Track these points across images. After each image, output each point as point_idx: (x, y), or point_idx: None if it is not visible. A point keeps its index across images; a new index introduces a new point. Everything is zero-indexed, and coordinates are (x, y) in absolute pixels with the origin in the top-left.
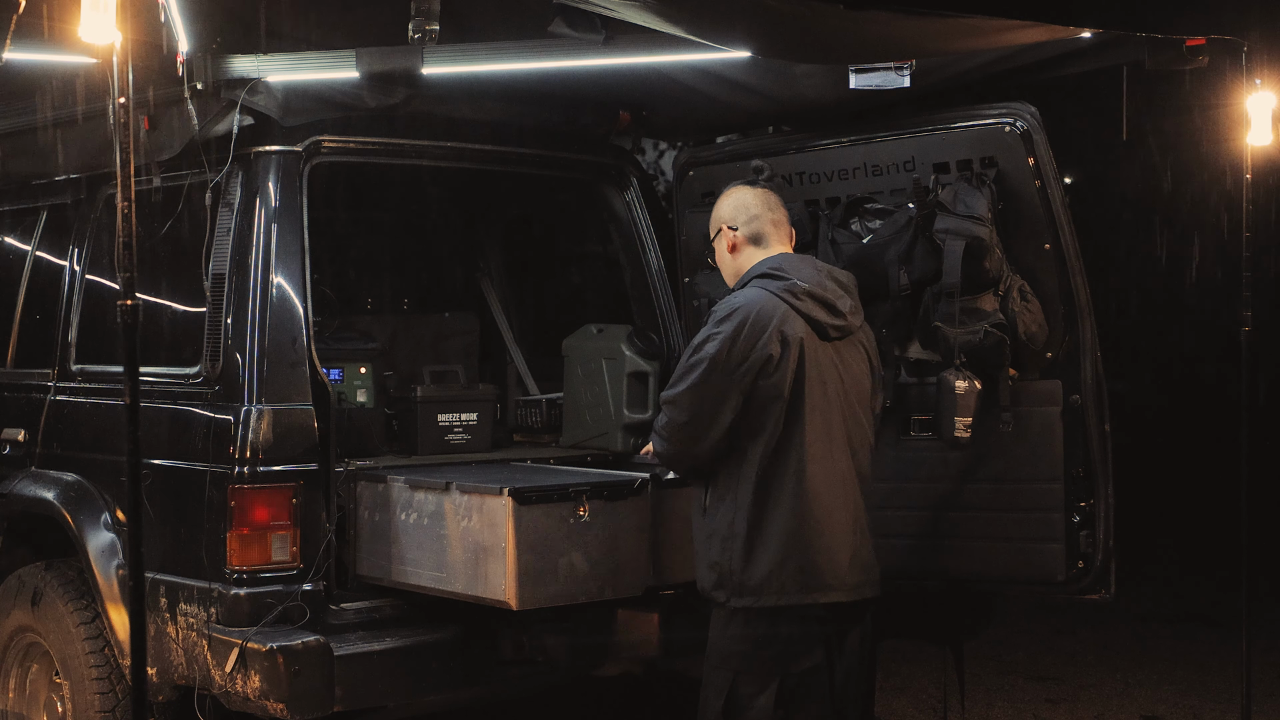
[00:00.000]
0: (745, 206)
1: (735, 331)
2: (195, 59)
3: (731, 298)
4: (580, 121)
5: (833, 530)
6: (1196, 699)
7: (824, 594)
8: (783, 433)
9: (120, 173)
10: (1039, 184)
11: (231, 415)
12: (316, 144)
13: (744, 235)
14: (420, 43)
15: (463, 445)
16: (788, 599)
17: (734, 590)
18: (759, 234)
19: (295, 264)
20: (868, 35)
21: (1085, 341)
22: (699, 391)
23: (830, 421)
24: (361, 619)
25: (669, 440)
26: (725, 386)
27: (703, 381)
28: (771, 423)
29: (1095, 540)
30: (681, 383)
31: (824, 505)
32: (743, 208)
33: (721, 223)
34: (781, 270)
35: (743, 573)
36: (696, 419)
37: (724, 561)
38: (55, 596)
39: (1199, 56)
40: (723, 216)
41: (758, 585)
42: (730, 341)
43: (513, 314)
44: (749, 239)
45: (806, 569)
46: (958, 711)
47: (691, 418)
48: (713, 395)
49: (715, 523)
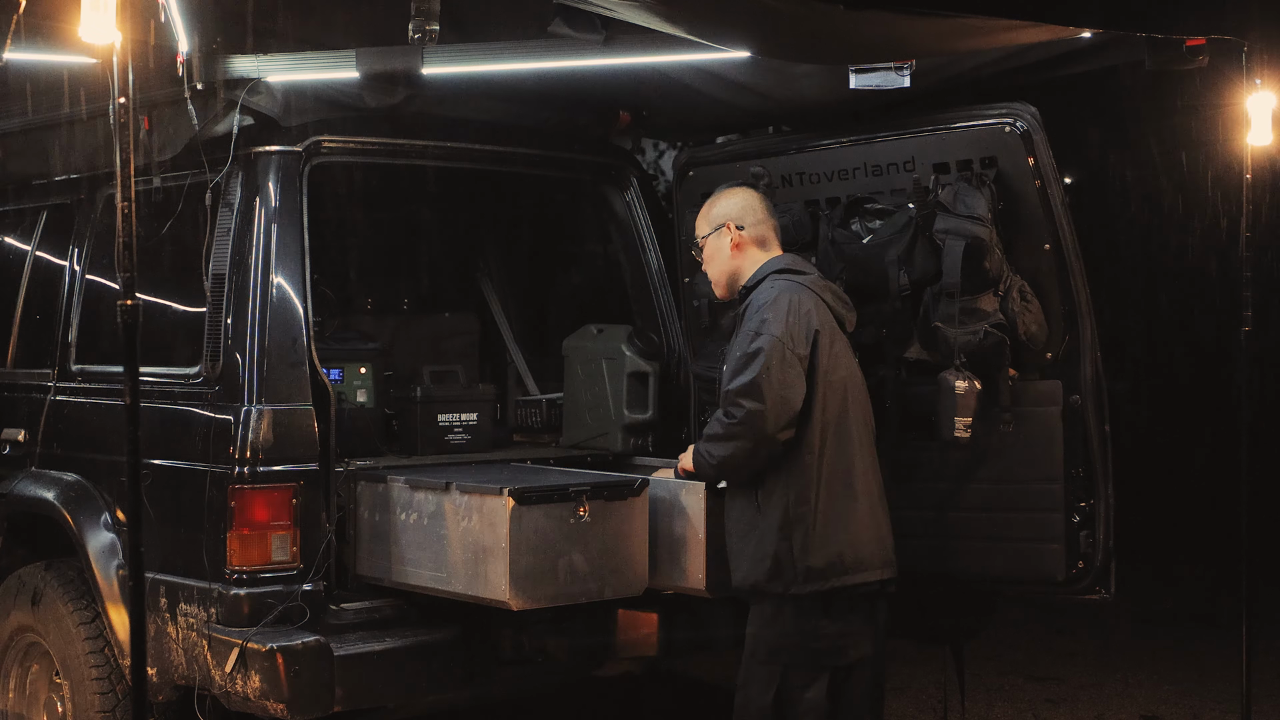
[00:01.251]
0: (753, 208)
1: (786, 315)
2: (195, 59)
3: (763, 290)
4: (580, 121)
5: (870, 510)
6: (1196, 699)
7: (870, 573)
8: (829, 417)
9: (120, 173)
10: (1039, 184)
11: (231, 415)
12: (316, 144)
13: (750, 236)
14: (420, 43)
15: (463, 445)
16: (845, 579)
17: (793, 579)
18: (764, 237)
19: (295, 264)
20: (868, 35)
21: (1085, 341)
22: (771, 376)
23: (860, 406)
24: (361, 619)
25: (742, 437)
26: (793, 366)
27: (774, 365)
28: (819, 408)
29: (1095, 540)
30: (746, 373)
31: (864, 486)
32: (750, 209)
33: (727, 219)
34: (798, 266)
35: (805, 559)
36: (777, 404)
37: (782, 550)
38: (55, 596)
39: (1199, 56)
40: (729, 214)
41: (821, 569)
42: (784, 324)
43: (513, 314)
44: (755, 240)
45: (857, 548)
46: (958, 711)
47: (771, 404)
48: (785, 379)
49: (770, 514)
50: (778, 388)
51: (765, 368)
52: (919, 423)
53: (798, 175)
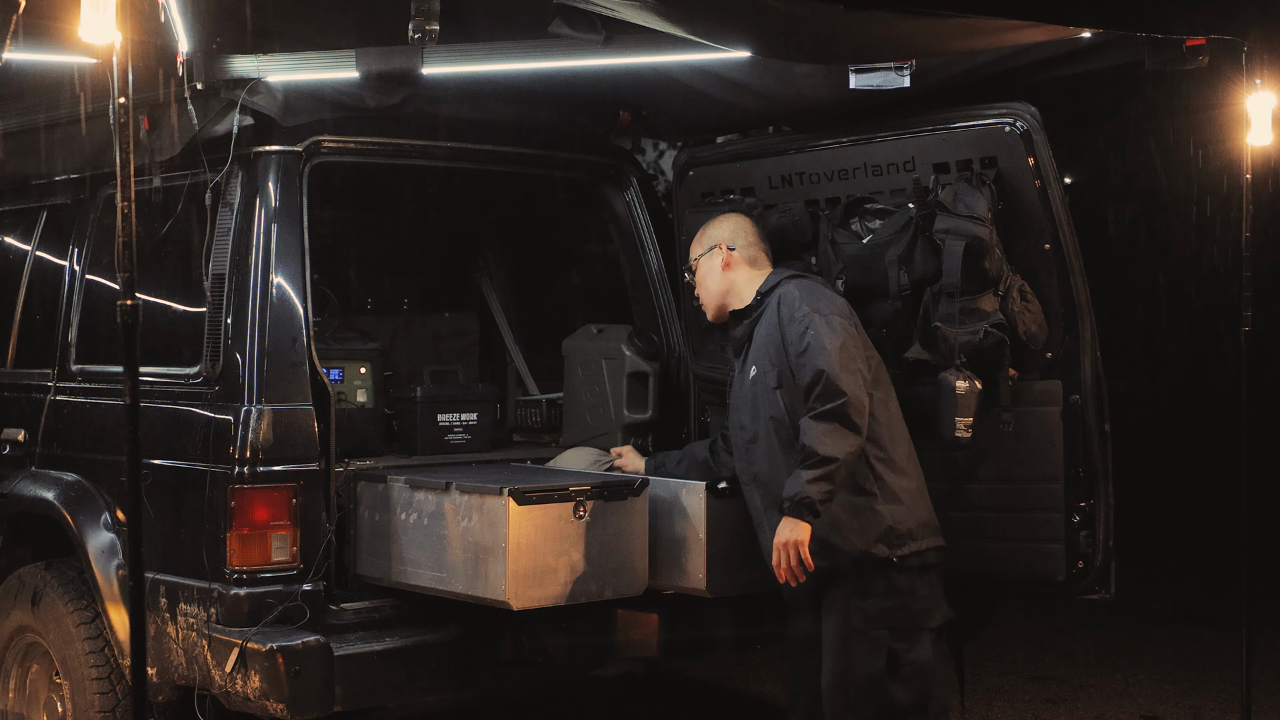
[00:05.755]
0: (744, 231)
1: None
2: (195, 59)
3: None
4: (580, 121)
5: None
6: (1196, 699)
7: (939, 537)
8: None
9: (120, 173)
10: (1039, 184)
11: (231, 415)
12: (316, 144)
13: (742, 256)
14: (420, 43)
15: (463, 445)
16: (933, 541)
17: (899, 539)
18: (755, 257)
19: (295, 264)
20: (868, 35)
21: (1085, 341)
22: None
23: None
24: (361, 619)
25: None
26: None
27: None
28: (874, 379)
29: (1095, 540)
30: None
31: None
32: (741, 232)
33: (719, 241)
34: (805, 273)
35: (905, 522)
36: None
37: (886, 515)
38: (55, 596)
39: (1199, 56)
40: (720, 237)
41: (915, 531)
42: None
43: (513, 314)
44: (746, 260)
45: (930, 513)
46: (958, 711)
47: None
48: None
49: (860, 483)
50: (855, 361)
51: (841, 345)
52: (919, 423)
53: (798, 175)
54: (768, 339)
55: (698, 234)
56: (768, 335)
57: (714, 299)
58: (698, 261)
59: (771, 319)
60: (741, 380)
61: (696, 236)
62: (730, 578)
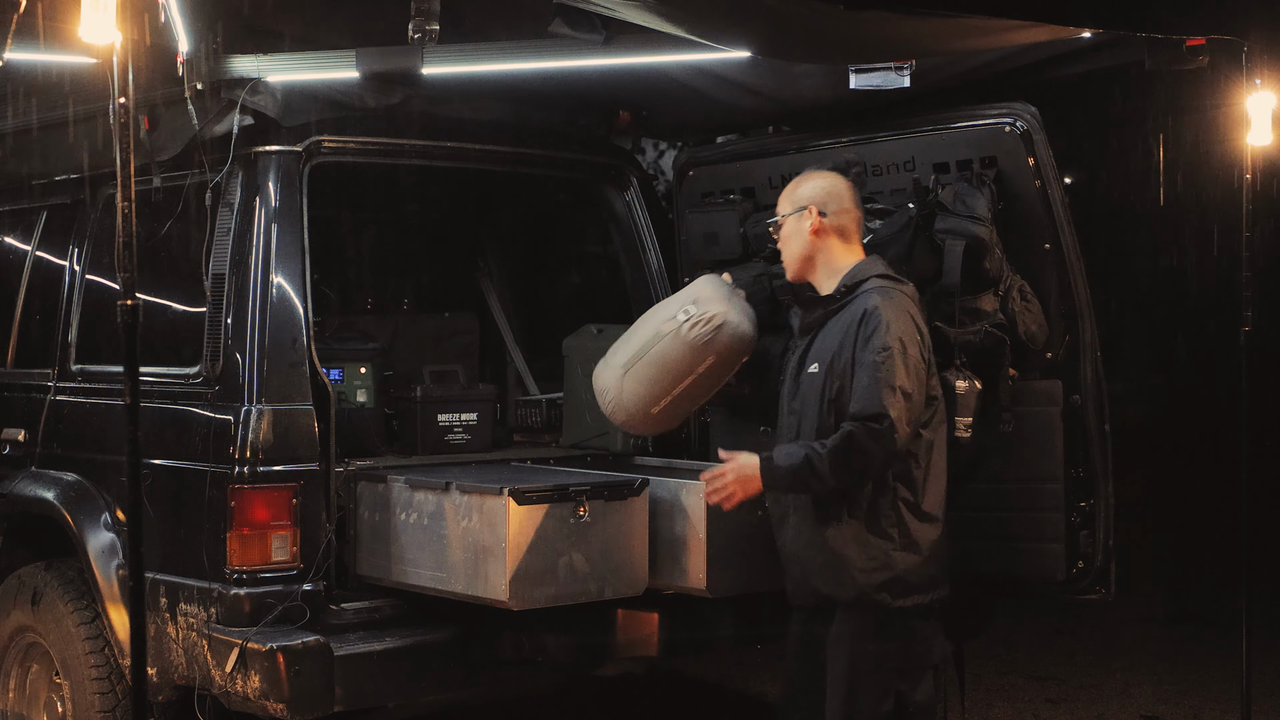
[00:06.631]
0: (840, 196)
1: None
2: (195, 59)
3: (871, 298)
4: (580, 121)
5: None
6: (1196, 699)
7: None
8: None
9: (120, 173)
10: (1039, 184)
11: (231, 415)
12: (316, 144)
13: (831, 224)
14: (420, 43)
15: (463, 445)
16: (938, 593)
17: (904, 590)
18: (845, 227)
19: (295, 264)
20: (868, 35)
21: (1085, 341)
22: (910, 369)
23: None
24: (361, 619)
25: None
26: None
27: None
28: (929, 415)
29: (1095, 540)
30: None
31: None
32: (836, 196)
33: (811, 202)
34: (894, 274)
35: (918, 570)
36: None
37: (896, 560)
38: (55, 596)
39: (1199, 56)
40: (813, 197)
41: (931, 579)
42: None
43: (513, 314)
44: (835, 229)
45: (947, 560)
46: (958, 711)
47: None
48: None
49: (880, 522)
50: (918, 380)
51: (907, 363)
52: None
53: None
54: (839, 346)
55: (788, 187)
56: (839, 342)
57: (796, 262)
58: (785, 219)
59: (849, 326)
60: (800, 366)
61: (786, 190)
62: (730, 577)
